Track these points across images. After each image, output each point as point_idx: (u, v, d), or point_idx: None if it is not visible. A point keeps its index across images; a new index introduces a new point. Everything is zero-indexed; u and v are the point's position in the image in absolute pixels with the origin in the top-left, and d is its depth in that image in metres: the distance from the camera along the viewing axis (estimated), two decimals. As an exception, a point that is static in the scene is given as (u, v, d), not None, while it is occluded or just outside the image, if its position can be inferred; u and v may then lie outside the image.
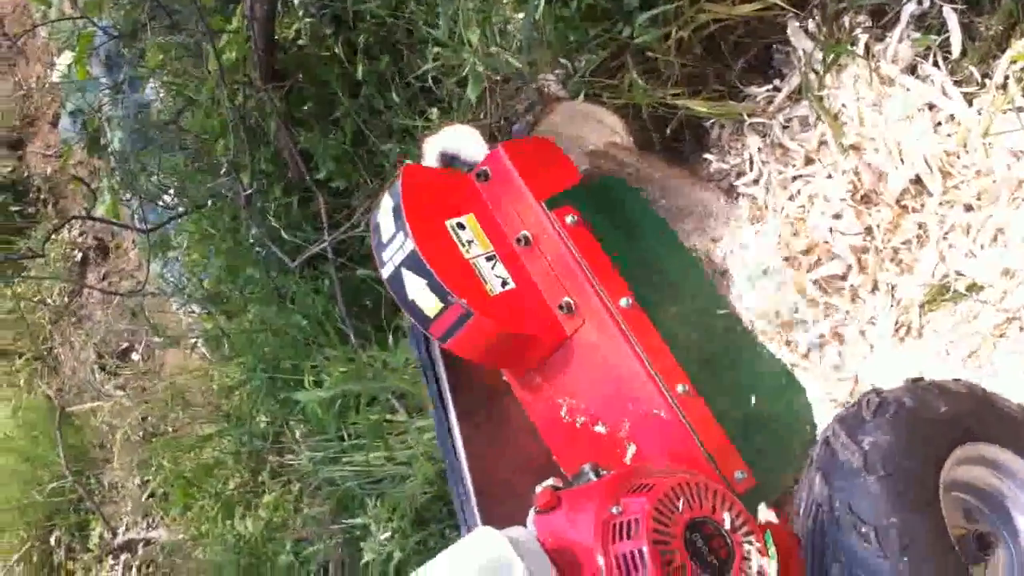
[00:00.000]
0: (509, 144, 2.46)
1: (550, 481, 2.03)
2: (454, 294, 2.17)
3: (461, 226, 2.34)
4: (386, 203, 2.32)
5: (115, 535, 5.65)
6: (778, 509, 2.17)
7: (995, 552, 2.01)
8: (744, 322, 2.64)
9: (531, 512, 2.00)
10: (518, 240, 2.37)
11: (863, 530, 1.78)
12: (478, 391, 2.49)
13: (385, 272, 2.29)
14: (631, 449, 2.26)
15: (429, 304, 2.21)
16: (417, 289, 2.22)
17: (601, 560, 1.80)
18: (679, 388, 2.20)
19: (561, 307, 2.29)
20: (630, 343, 2.22)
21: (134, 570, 5.55)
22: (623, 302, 2.27)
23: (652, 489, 1.86)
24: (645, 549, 1.76)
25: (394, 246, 2.26)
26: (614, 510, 1.85)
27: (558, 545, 1.85)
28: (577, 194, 2.44)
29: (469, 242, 2.32)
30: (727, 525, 1.88)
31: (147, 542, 5.46)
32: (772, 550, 1.90)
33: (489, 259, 2.32)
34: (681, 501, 1.86)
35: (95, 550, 5.77)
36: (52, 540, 6.06)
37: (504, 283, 2.30)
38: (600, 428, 2.28)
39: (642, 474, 1.97)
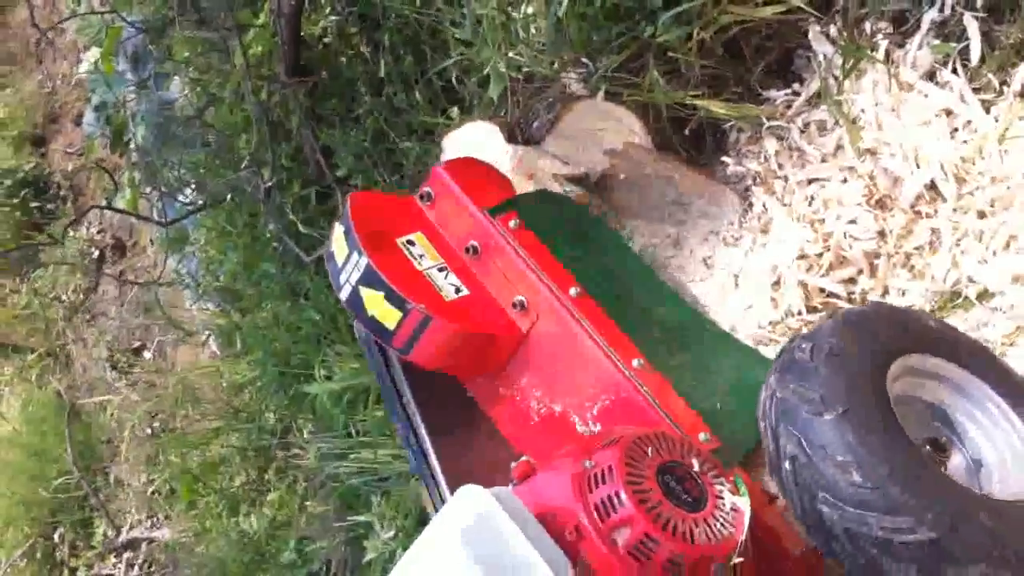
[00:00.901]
0: (447, 164, 2.56)
1: (524, 457, 2.07)
2: (411, 301, 2.20)
3: (411, 243, 2.41)
4: (338, 231, 2.38)
5: (119, 533, 5.67)
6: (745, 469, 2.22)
7: (951, 458, 2.10)
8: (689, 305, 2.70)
9: (509, 488, 2.04)
10: (466, 250, 2.42)
11: (808, 397, 1.84)
12: (442, 406, 2.54)
13: (343, 294, 2.33)
14: (598, 431, 2.30)
15: (388, 316, 2.25)
16: (375, 303, 2.26)
17: (581, 511, 1.84)
18: (635, 363, 2.25)
19: (514, 305, 2.34)
20: (584, 328, 2.28)
21: (136, 568, 5.56)
22: (572, 291, 2.33)
23: (620, 440, 1.93)
24: (622, 490, 1.82)
25: (349, 267, 2.31)
26: (587, 464, 1.90)
27: (538, 509, 1.88)
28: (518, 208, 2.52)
29: (420, 256, 2.39)
30: (696, 468, 1.95)
31: (150, 541, 5.47)
32: (743, 489, 1.97)
33: (441, 270, 2.38)
34: (650, 448, 1.93)
35: (98, 547, 5.78)
36: (56, 536, 6.08)
37: (458, 290, 2.36)
38: (567, 421, 2.32)
39: (608, 434, 2.04)
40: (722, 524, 1.88)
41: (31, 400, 6.38)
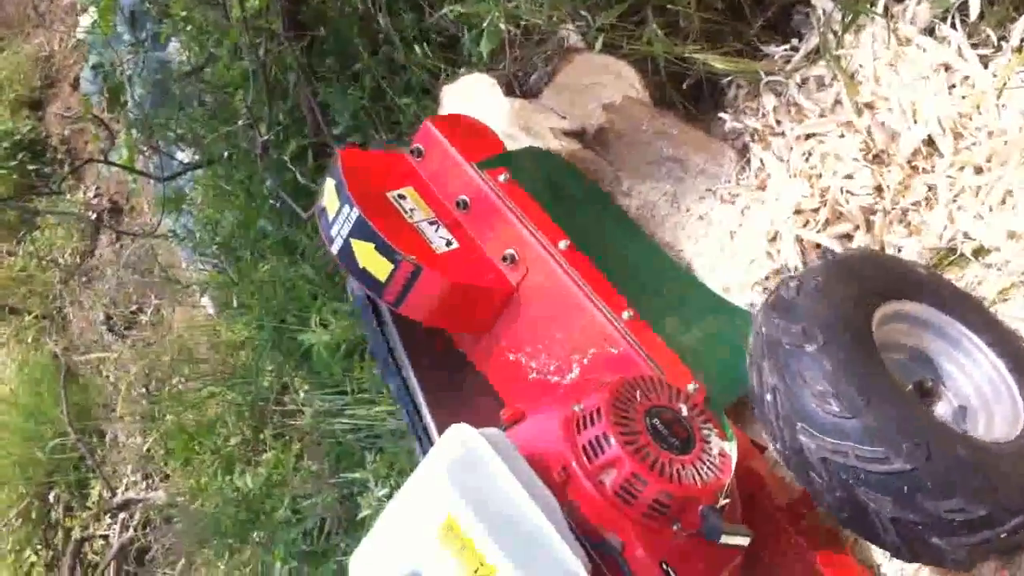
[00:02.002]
0: (435, 119, 2.57)
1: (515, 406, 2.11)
2: (402, 252, 2.21)
3: (402, 196, 2.42)
4: (328, 184, 2.39)
5: (114, 494, 5.67)
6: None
7: (938, 403, 2.13)
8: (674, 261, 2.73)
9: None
10: (457, 204, 2.44)
11: (790, 330, 1.86)
12: (433, 363, 2.55)
13: (335, 247, 2.34)
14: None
15: (379, 267, 2.26)
16: (367, 255, 2.27)
17: (569, 453, 1.87)
18: (624, 315, 2.26)
19: (504, 258, 2.35)
20: (574, 280, 2.29)
21: (131, 529, 5.57)
22: (562, 244, 2.34)
23: (609, 384, 1.96)
24: (609, 432, 1.85)
25: (340, 219, 2.31)
26: (575, 408, 1.93)
27: (528, 451, 1.89)
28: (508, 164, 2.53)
29: (411, 210, 2.39)
30: (684, 413, 1.97)
31: (145, 502, 5.48)
32: (731, 432, 2.00)
33: (432, 223, 2.39)
34: (638, 392, 1.97)
35: (93, 508, 5.79)
36: (51, 497, 6.08)
37: (449, 243, 2.37)
38: (556, 371, 2.32)
39: (597, 379, 2.08)
40: (709, 467, 1.90)
41: (27, 362, 6.36)
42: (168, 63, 4.76)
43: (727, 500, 1.88)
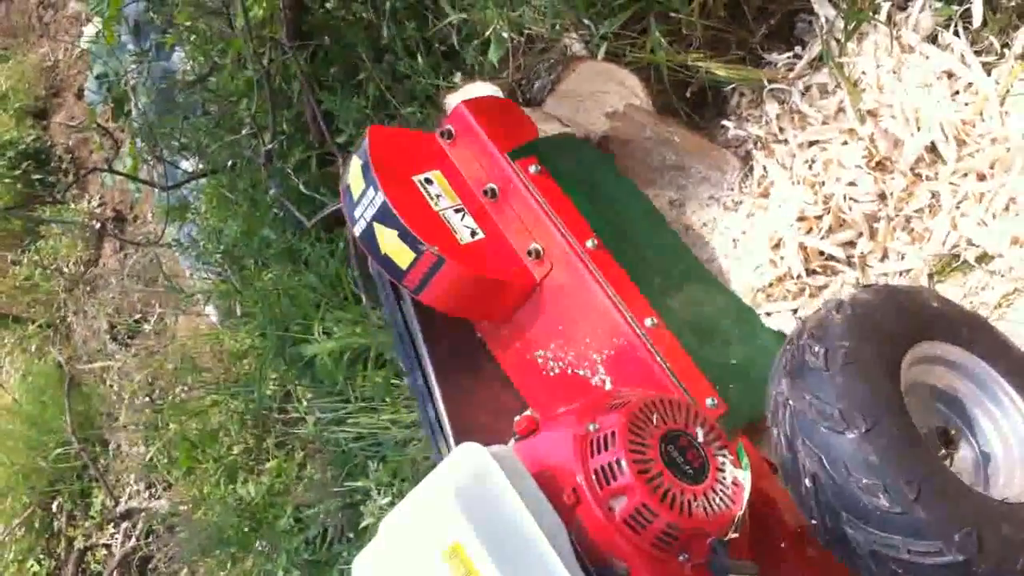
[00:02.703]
0: (470, 102, 2.51)
1: (528, 412, 2.10)
2: (425, 242, 2.19)
3: (429, 181, 2.38)
4: (354, 163, 2.36)
5: (117, 503, 5.66)
6: (748, 436, 2.21)
7: (958, 448, 2.07)
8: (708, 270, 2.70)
9: (510, 442, 2.04)
10: (484, 192, 2.40)
11: (827, 412, 1.80)
12: (451, 347, 2.52)
13: (357, 229, 2.32)
14: (607, 388, 2.29)
15: (401, 255, 2.24)
16: (389, 241, 2.25)
17: (580, 474, 1.84)
18: (647, 322, 2.23)
19: (529, 253, 2.33)
20: (598, 281, 2.26)
21: (133, 539, 5.57)
22: (589, 243, 2.31)
23: (626, 405, 1.91)
24: (623, 459, 1.82)
25: (364, 202, 2.29)
26: (590, 427, 1.90)
27: (538, 467, 1.88)
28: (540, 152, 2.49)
29: (437, 196, 2.36)
30: (700, 438, 1.93)
31: (148, 511, 5.47)
32: (746, 461, 1.95)
33: (458, 211, 2.36)
34: (655, 415, 1.91)
35: (96, 517, 5.79)
36: (54, 506, 6.08)
37: (473, 233, 2.34)
38: (575, 372, 2.31)
39: (615, 395, 2.03)
40: (721, 498, 1.87)
41: (31, 371, 6.37)
42: (172, 72, 4.77)
43: (736, 534, 1.86)
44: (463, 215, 2.35)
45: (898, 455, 1.77)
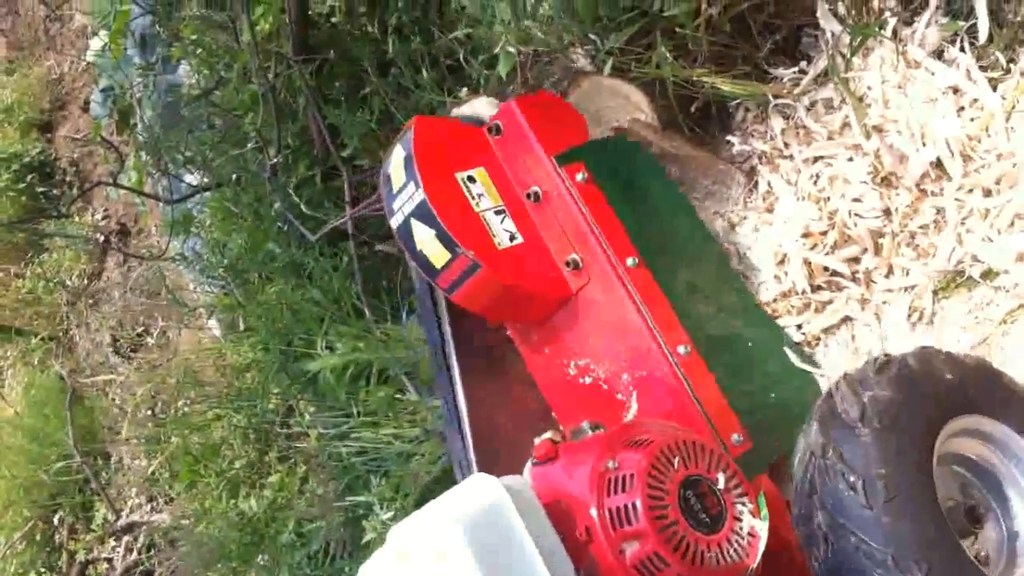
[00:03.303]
0: (521, 99, 2.49)
1: (549, 434, 2.04)
2: (462, 246, 2.17)
3: (472, 179, 2.36)
4: (397, 153, 2.33)
5: (118, 517, 5.66)
6: (772, 476, 2.18)
7: (985, 526, 2.01)
8: (756, 299, 2.64)
9: (528, 463, 2.02)
10: (528, 195, 2.38)
11: (851, 479, 1.76)
12: (480, 345, 2.51)
13: (395, 222, 2.30)
14: (632, 408, 2.27)
15: (437, 255, 2.22)
16: (426, 239, 2.23)
17: (595, 512, 1.83)
18: (680, 349, 2.21)
19: (568, 264, 2.31)
20: (635, 302, 2.24)
21: (135, 552, 5.55)
22: (630, 262, 2.29)
23: (649, 445, 1.88)
24: (639, 503, 1.79)
25: (404, 196, 2.27)
26: (610, 464, 1.87)
27: (553, 497, 1.87)
28: (590, 155, 2.46)
29: (479, 195, 2.34)
30: (721, 484, 1.90)
31: (150, 525, 5.46)
32: (764, 512, 1.92)
33: (498, 213, 2.33)
34: (677, 459, 1.88)
35: (98, 531, 5.78)
36: (56, 520, 6.07)
37: (512, 237, 2.31)
38: (601, 386, 2.29)
39: (639, 430, 1.99)
40: (735, 549, 1.85)
41: (33, 383, 6.38)
42: (178, 86, 4.79)
43: None
44: (503, 217, 2.33)
45: (915, 527, 1.74)
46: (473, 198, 2.31)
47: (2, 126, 7.03)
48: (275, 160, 3.60)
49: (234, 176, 4.16)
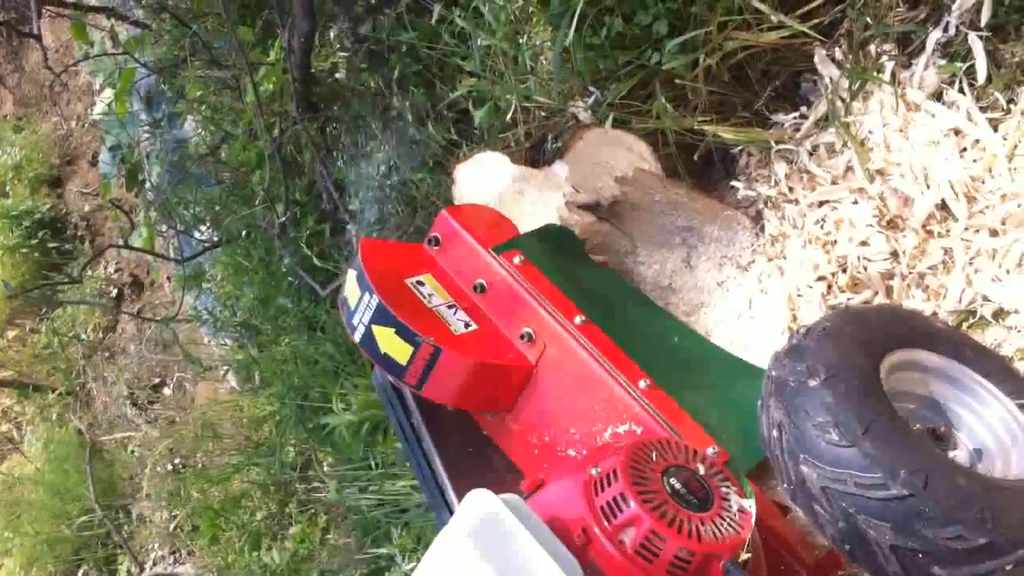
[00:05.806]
0: (451, 209, 2.62)
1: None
2: (421, 334, 2.23)
3: (420, 283, 2.45)
4: (350, 276, 2.42)
5: (142, 570, 5.67)
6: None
7: (950, 445, 2.11)
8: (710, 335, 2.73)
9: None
10: (474, 288, 2.47)
11: (824, 428, 1.83)
12: (461, 444, 2.55)
13: (357, 335, 2.35)
14: None
15: (399, 351, 2.27)
16: (387, 340, 2.29)
17: (588, 514, 1.86)
18: (641, 384, 2.27)
19: (522, 337, 2.38)
20: (590, 353, 2.31)
21: (159, 605, 5.57)
22: (576, 320, 2.37)
23: (624, 447, 1.96)
24: (626, 491, 1.84)
25: (361, 307, 2.33)
26: (593, 471, 1.93)
27: (548, 516, 1.89)
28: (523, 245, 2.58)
29: (430, 295, 2.43)
30: (701, 472, 1.96)
31: (173, 577, 5.48)
32: (750, 489, 1.98)
33: (450, 307, 2.42)
34: (654, 452, 1.96)
35: (122, 585, 5.80)
36: (80, 574, 6.09)
37: (467, 325, 2.39)
38: (580, 447, 2.32)
39: (614, 444, 2.10)
40: (729, 523, 1.89)
41: (53, 439, 6.41)
42: (184, 141, 4.83)
43: (748, 555, 1.87)
44: (456, 310, 2.41)
45: (852, 395, 1.85)
46: (424, 297, 2.41)
47: (12, 183, 7.08)
48: (283, 218, 3.62)
49: (244, 232, 4.19)
